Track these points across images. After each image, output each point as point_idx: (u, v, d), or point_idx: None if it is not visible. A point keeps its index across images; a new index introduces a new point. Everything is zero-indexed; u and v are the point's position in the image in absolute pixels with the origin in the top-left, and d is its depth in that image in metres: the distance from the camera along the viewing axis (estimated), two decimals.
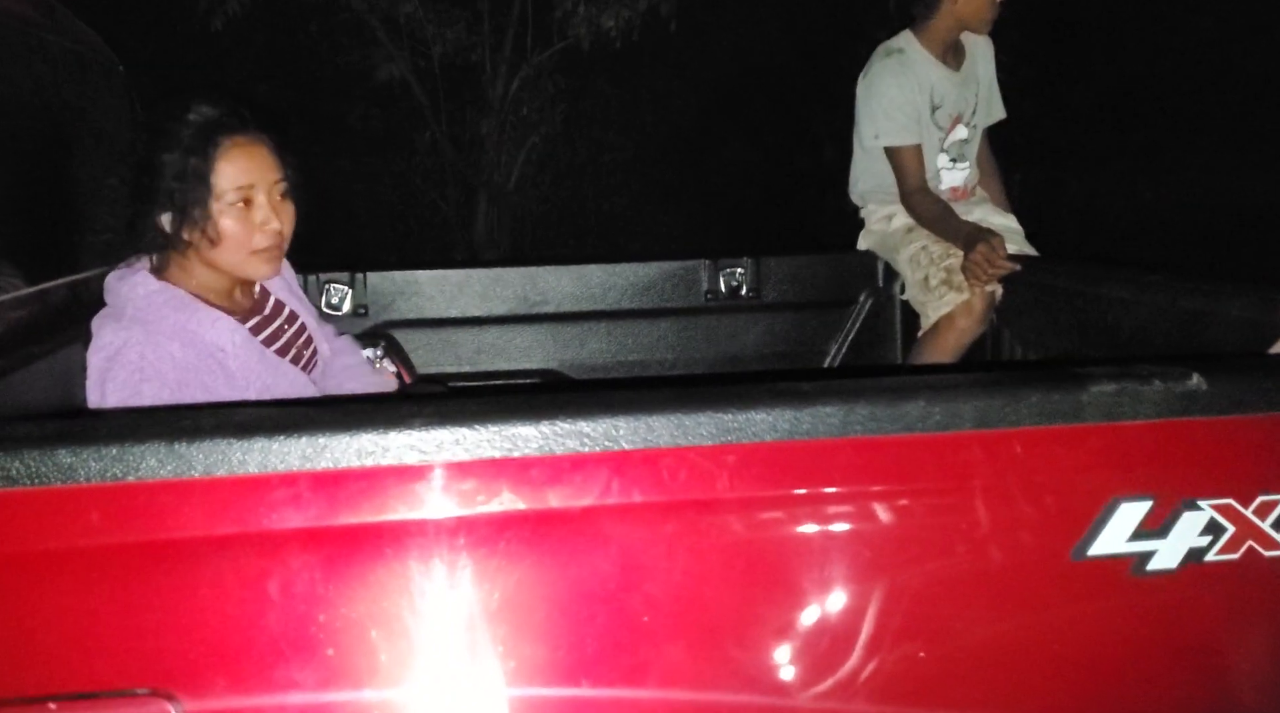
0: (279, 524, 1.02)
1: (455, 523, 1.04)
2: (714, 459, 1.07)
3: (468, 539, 1.03)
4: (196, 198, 1.66)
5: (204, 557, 1.02)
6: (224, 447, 1.00)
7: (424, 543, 1.03)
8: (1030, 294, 2.43)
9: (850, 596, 1.08)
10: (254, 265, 1.74)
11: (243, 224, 1.69)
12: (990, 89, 2.92)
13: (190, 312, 1.69)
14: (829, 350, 2.89)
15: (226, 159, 1.68)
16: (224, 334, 1.70)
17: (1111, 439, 1.08)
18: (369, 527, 1.03)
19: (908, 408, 1.07)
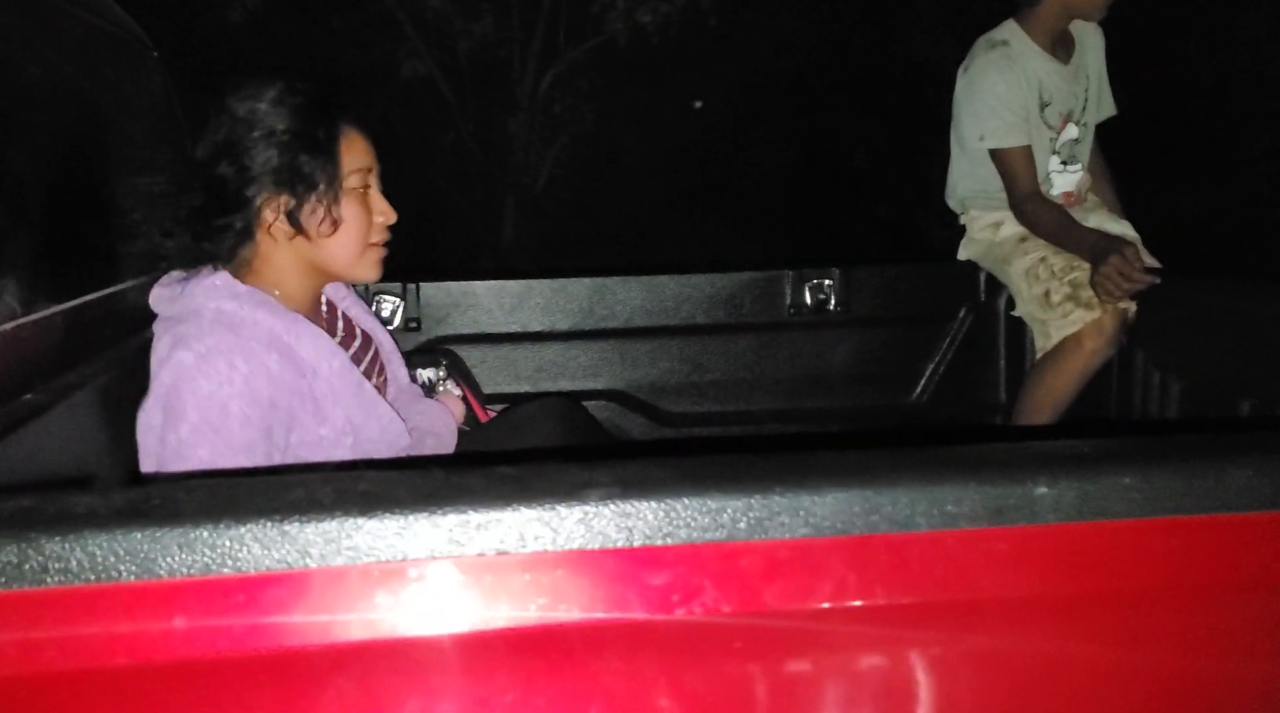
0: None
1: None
2: (975, 546, 0.80)
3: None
4: (325, 174, 1.40)
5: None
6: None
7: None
8: (1173, 312, 2.16)
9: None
10: (366, 264, 1.49)
11: (365, 211, 1.45)
12: (1101, 83, 2.65)
13: (289, 321, 1.41)
14: (925, 371, 2.62)
15: (349, 138, 1.44)
16: (323, 354, 1.42)
17: None
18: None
19: (1229, 478, 0.80)
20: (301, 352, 1.40)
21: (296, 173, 1.39)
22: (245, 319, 1.38)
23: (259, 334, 1.37)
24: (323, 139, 1.40)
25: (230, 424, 1.31)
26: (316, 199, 1.40)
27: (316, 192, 1.40)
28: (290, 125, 1.39)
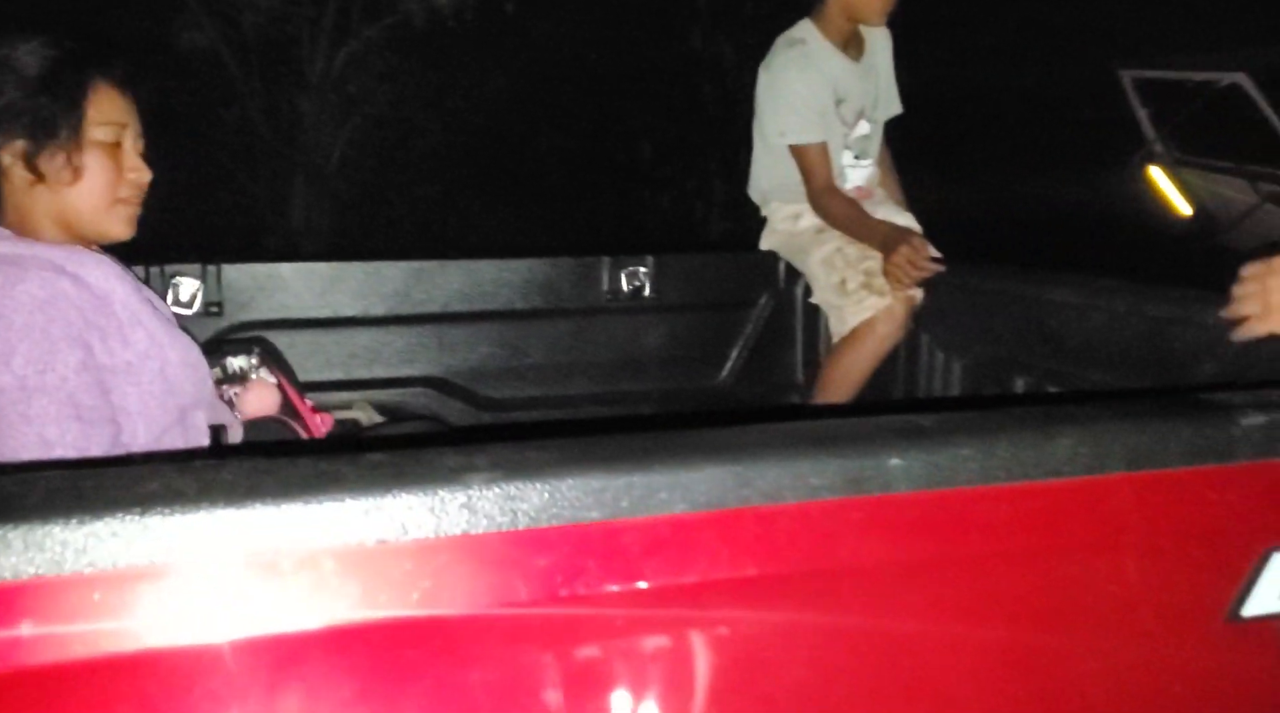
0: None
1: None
2: (833, 516, 0.86)
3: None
4: (67, 119, 1.38)
5: None
6: None
7: None
8: (957, 298, 2.34)
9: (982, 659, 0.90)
10: (113, 218, 1.45)
11: (112, 162, 1.43)
12: (889, 82, 2.82)
13: (68, 251, 1.39)
14: (730, 354, 2.72)
15: (101, 92, 1.42)
16: (111, 278, 1.40)
17: (1264, 479, 0.95)
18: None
19: (1055, 447, 0.89)
20: (89, 278, 1.37)
21: (35, 117, 1.38)
22: (23, 254, 1.35)
23: (42, 264, 1.34)
24: (68, 86, 1.39)
25: (61, 364, 1.28)
26: (56, 146, 1.38)
27: (56, 139, 1.38)
28: (38, 71, 1.39)
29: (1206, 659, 0.93)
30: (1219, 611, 0.92)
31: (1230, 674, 0.94)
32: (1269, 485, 0.94)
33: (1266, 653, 0.94)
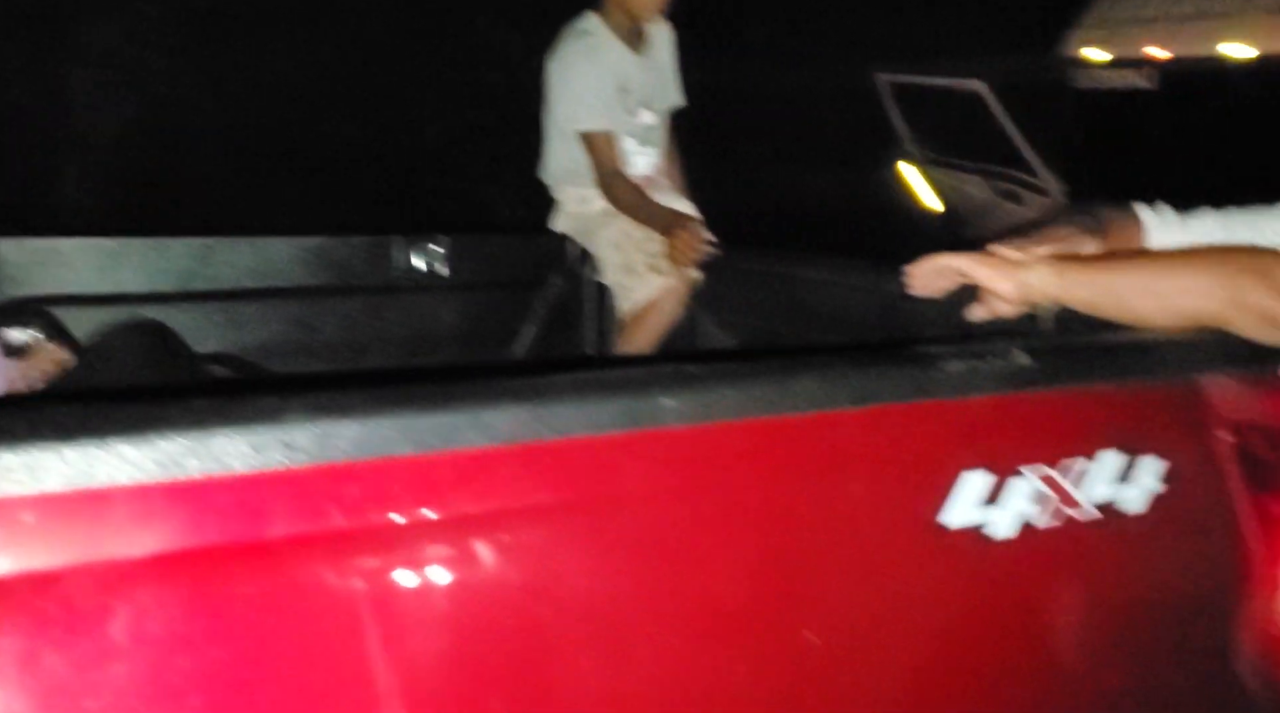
0: None
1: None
2: (615, 449, 1.00)
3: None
4: None
5: None
6: None
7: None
8: (730, 278, 2.56)
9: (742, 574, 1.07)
10: None
11: None
12: (671, 75, 3.01)
13: None
14: (522, 333, 2.84)
15: None
16: None
17: (959, 414, 1.16)
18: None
19: (799, 387, 1.07)
20: None
21: None
22: None
23: None
24: None
25: None
26: None
27: None
28: None
29: (918, 560, 1.14)
30: (925, 521, 1.13)
31: (936, 571, 1.15)
32: (963, 419, 1.15)
33: (962, 553, 1.15)
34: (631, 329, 2.66)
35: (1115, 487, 1.23)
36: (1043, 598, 1.22)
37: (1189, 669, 1.36)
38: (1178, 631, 1.33)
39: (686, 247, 2.56)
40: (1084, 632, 1.24)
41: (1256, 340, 1.29)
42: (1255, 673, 1.36)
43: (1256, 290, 1.28)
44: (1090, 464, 1.21)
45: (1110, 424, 1.25)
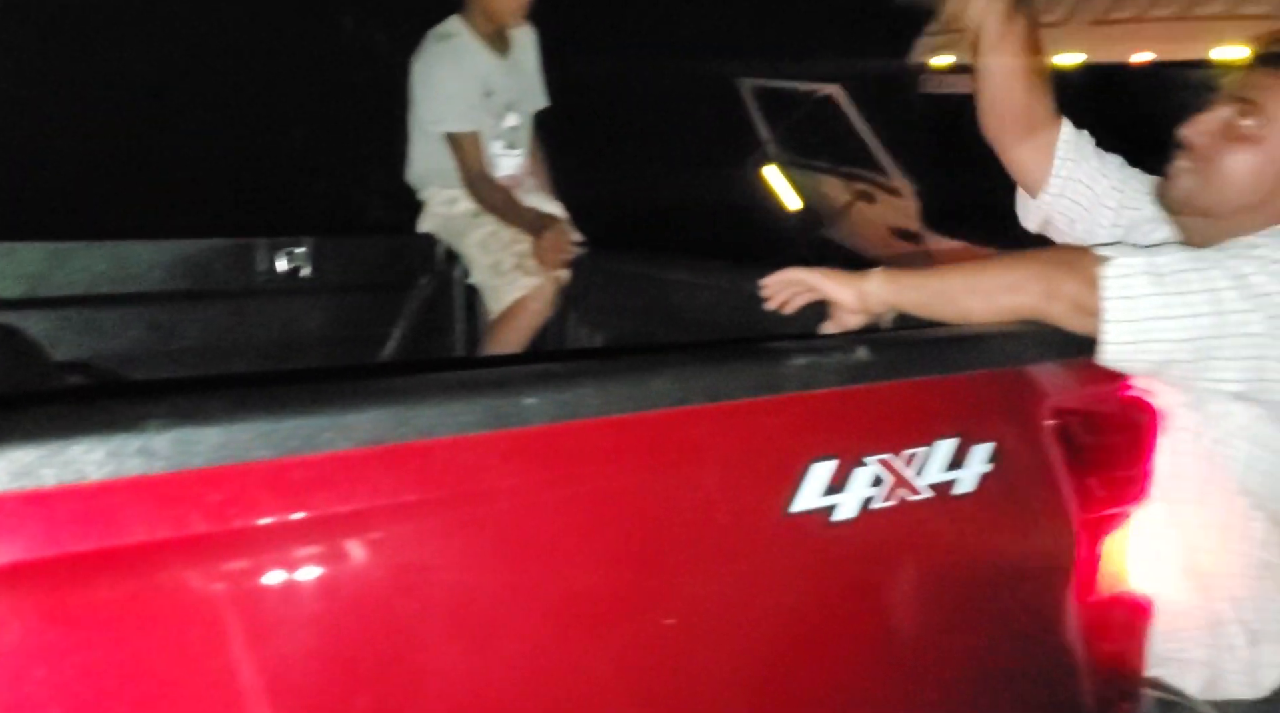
0: None
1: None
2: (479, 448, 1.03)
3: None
4: None
5: None
6: None
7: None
8: (596, 279, 2.61)
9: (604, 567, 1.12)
10: None
11: None
12: (535, 78, 3.04)
13: None
14: (391, 335, 2.84)
15: None
16: None
17: (805, 407, 1.24)
18: None
19: (655, 385, 1.12)
20: None
21: None
22: None
23: None
24: None
25: None
26: None
27: None
28: None
29: (769, 546, 1.21)
30: (777, 507, 1.20)
31: (785, 557, 1.22)
32: (809, 411, 1.23)
33: (809, 539, 1.23)
34: (500, 330, 2.69)
35: (948, 469, 1.33)
36: (883, 575, 1.32)
37: (1020, 639, 1.48)
38: (1009, 603, 1.45)
39: (554, 247, 2.61)
40: (921, 606, 1.34)
41: (1071, 330, 1.41)
42: (1080, 642, 1.49)
43: (1068, 283, 1.39)
44: (926, 449, 1.30)
45: (944, 411, 1.35)
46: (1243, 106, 1.47)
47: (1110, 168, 1.72)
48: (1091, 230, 1.73)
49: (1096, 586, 1.49)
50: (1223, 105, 1.49)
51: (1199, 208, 1.51)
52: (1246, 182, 1.47)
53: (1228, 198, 1.49)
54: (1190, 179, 1.51)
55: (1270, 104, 1.45)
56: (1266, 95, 1.46)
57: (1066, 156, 1.72)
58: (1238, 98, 1.48)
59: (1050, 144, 1.72)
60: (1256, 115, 1.46)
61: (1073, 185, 1.72)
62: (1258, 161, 1.47)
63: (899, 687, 1.35)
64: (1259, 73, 1.48)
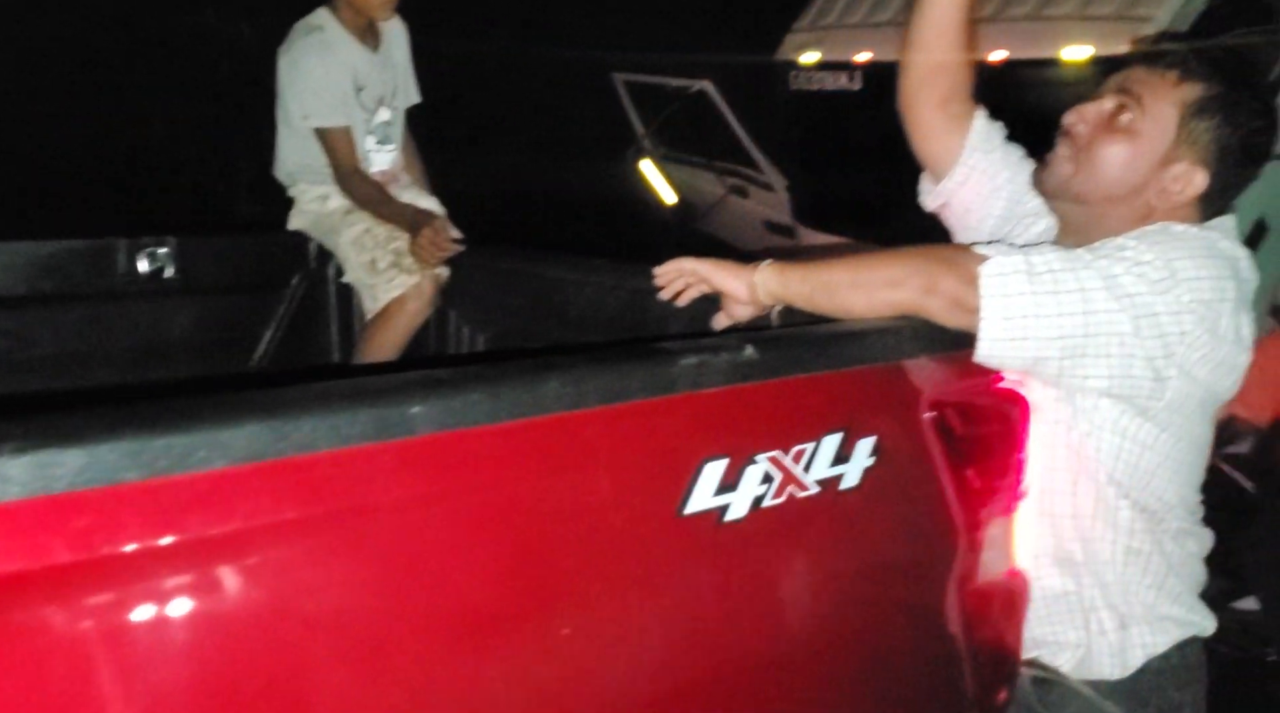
0: None
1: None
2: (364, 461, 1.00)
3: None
4: None
5: None
6: None
7: None
8: (477, 276, 2.57)
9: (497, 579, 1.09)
10: None
11: None
12: (407, 72, 2.97)
13: None
14: (263, 336, 2.73)
15: None
16: None
17: (696, 407, 1.23)
18: None
19: (546, 389, 1.10)
20: None
21: None
22: None
23: None
24: None
25: None
26: None
27: None
28: None
29: (663, 549, 1.21)
30: (669, 509, 1.20)
31: (678, 558, 1.22)
32: (700, 410, 1.23)
33: (702, 540, 1.23)
34: (377, 330, 2.62)
35: (834, 464, 1.35)
36: (774, 573, 1.33)
37: (905, 629, 1.52)
38: (894, 594, 1.48)
39: (432, 244, 2.55)
40: (810, 602, 1.36)
41: (948, 326, 1.45)
42: (961, 630, 1.53)
43: (947, 279, 1.43)
44: (813, 445, 1.32)
45: (829, 407, 1.37)
46: (1123, 99, 1.52)
47: (1013, 160, 1.76)
48: (982, 220, 1.76)
49: (976, 574, 1.53)
50: (1106, 97, 1.54)
51: (1072, 194, 1.56)
52: (1118, 172, 1.53)
53: (1100, 187, 1.54)
54: (1067, 166, 1.55)
55: (1148, 99, 1.51)
56: (1145, 90, 1.51)
57: (976, 146, 1.74)
58: (1120, 91, 1.53)
59: (964, 130, 1.74)
60: (1134, 109, 1.51)
61: (976, 175, 1.75)
62: (1130, 153, 1.52)
63: (790, 684, 1.37)
64: (1142, 69, 1.54)
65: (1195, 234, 1.48)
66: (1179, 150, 1.50)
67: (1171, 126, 1.50)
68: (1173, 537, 1.57)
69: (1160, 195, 1.53)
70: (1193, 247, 1.44)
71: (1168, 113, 1.50)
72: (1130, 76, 1.54)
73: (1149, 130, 1.51)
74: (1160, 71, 1.51)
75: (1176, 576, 1.58)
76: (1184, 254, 1.42)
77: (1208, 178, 1.51)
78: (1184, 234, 1.47)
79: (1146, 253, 1.41)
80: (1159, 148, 1.51)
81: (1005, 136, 1.78)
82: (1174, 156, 1.51)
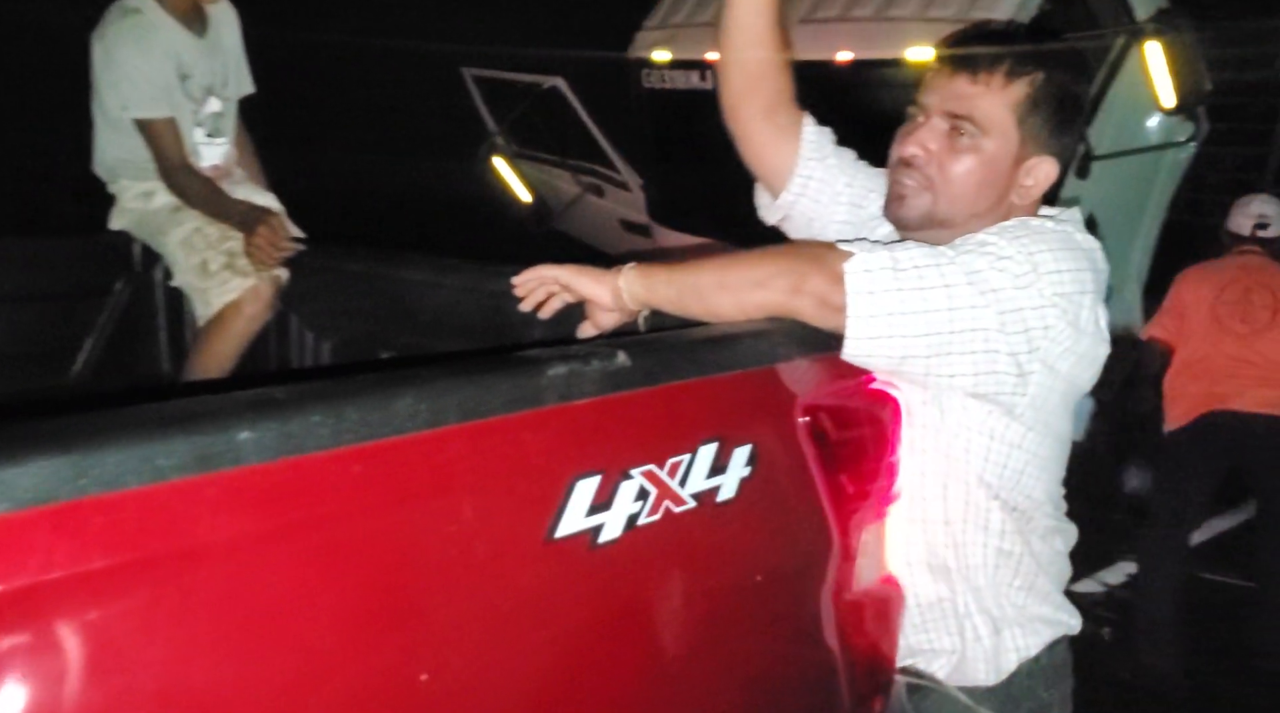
0: None
1: None
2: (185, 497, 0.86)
3: None
4: None
5: None
6: None
7: None
8: (320, 278, 2.40)
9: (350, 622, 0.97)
10: None
11: None
12: (239, 60, 2.76)
13: None
14: (83, 346, 2.49)
15: None
16: None
17: (566, 420, 1.14)
18: None
19: (400, 406, 0.98)
20: None
21: None
22: None
23: None
24: None
25: None
26: None
27: None
28: None
29: (530, 575, 1.10)
30: (538, 534, 1.09)
31: (548, 586, 1.12)
32: (570, 424, 1.13)
33: (575, 566, 1.13)
34: (211, 339, 2.42)
35: (710, 476, 1.27)
36: (650, 596, 1.24)
37: (783, 643, 1.46)
38: (772, 608, 1.42)
39: (269, 244, 2.37)
40: (687, 621, 1.28)
41: (816, 325, 1.39)
42: (837, 639, 1.48)
43: (814, 278, 1.38)
44: (689, 456, 1.24)
45: (704, 415, 1.29)
46: (954, 121, 1.49)
47: (846, 164, 1.73)
48: (825, 227, 1.73)
49: (851, 582, 1.49)
50: (934, 118, 1.51)
51: (938, 222, 1.52)
52: (977, 188, 1.50)
53: (964, 207, 1.51)
54: (924, 196, 1.52)
55: (980, 112, 1.48)
56: (974, 103, 1.48)
57: (809, 155, 1.70)
58: (947, 113, 1.50)
59: (794, 141, 1.70)
60: (969, 125, 1.48)
61: (814, 184, 1.71)
62: (983, 168, 1.49)
63: (669, 706, 1.29)
64: (963, 80, 1.50)
65: (1053, 228, 1.47)
66: (1026, 148, 1.49)
67: (1012, 129, 1.49)
68: (1041, 536, 1.56)
69: (1020, 193, 1.52)
70: (1052, 240, 1.43)
71: (1003, 117, 1.48)
72: (953, 92, 1.50)
73: (992, 141, 1.49)
74: (983, 78, 1.49)
75: (1045, 575, 1.58)
76: (1044, 247, 1.41)
77: (1057, 164, 1.51)
78: (1043, 228, 1.46)
79: (1008, 248, 1.40)
80: (1008, 153, 1.49)
81: (835, 141, 1.75)
82: (1023, 154, 1.50)
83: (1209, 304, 3.69)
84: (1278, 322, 3.62)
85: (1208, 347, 3.65)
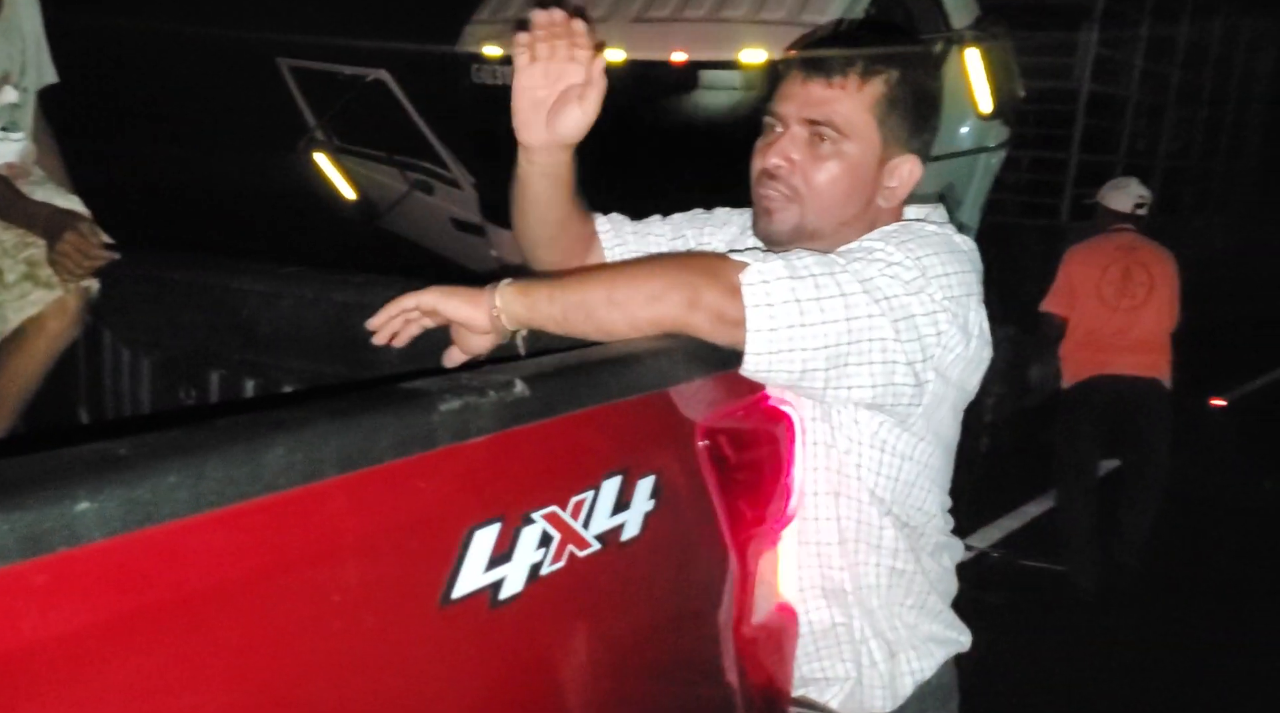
0: None
1: None
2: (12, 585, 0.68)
3: None
4: None
5: None
6: None
7: None
8: (139, 288, 2.14)
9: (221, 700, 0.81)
10: None
11: None
12: (40, 47, 2.46)
13: None
14: None
15: None
16: None
17: (461, 462, 1.00)
18: None
19: (271, 458, 0.82)
20: None
21: None
22: None
23: None
24: None
25: None
26: None
27: None
28: None
29: (426, 646, 0.96)
30: (433, 597, 0.95)
31: (446, 656, 0.98)
32: (465, 466, 1.00)
33: (474, 629, 1.00)
34: (11, 358, 2.13)
35: (614, 513, 1.16)
36: (554, 652, 1.12)
37: (683, 683, 1.36)
38: (675, 648, 1.32)
39: (77, 251, 2.10)
40: (592, 672, 1.16)
41: (713, 341, 1.30)
42: (734, 673, 1.40)
43: (710, 291, 1.29)
44: (592, 492, 1.12)
45: (606, 446, 1.18)
46: (813, 128, 1.44)
47: (654, 231, 1.70)
48: None
49: (749, 614, 1.41)
50: (793, 127, 1.45)
51: (808, 233, 1.47)
52: (844, 195, 1.46)
53: (834, 215, 1.46)
54: (790, 210, 1.46)
55: (839, 116, 1.43)
56: (832, 108, 1.43)
57: (611, 244, 1.69)
58: (806, 120, 1.44)
59: (593, 243, 1.68)
60: (829, 132, 1.43)
61: (628, 252, 1.69)
62: (849, 174, 1.45)
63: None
64: (817, 86, 1.45)
65: (934, 231, 1.44)
66: (888, 148, 1.46)
67: (873, 130, 1.44)
68: (930, 553, 1.53)
69: (886, 196, 1.48)
70: (936, 243, 1.40)
71: (863, 119, 1.44)
72: (809, 98, 1.45)
73: (855, 144, 1.44)
74: (838, 81, 1.44)
75: (936, 592, 1.55)
76: (930, 251, 1.37)
77: (919, 162, 1.49)
78: (924, 231, 1.43)
79: (896, 253, 1.35)
80: (872, 155, 1.45)
81: (630, 219, 1.72)
82: (886, 155, 1.46)
83: (1094, 283, 4.34)
84: (1152, 298, 4.32)
85: (1094, 321, 4.34)
